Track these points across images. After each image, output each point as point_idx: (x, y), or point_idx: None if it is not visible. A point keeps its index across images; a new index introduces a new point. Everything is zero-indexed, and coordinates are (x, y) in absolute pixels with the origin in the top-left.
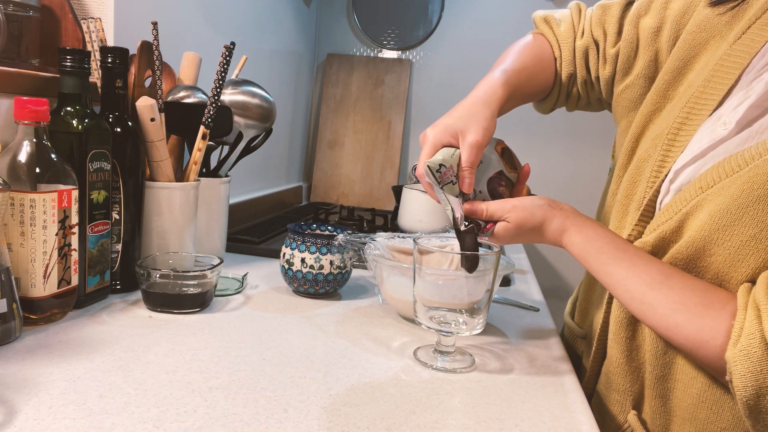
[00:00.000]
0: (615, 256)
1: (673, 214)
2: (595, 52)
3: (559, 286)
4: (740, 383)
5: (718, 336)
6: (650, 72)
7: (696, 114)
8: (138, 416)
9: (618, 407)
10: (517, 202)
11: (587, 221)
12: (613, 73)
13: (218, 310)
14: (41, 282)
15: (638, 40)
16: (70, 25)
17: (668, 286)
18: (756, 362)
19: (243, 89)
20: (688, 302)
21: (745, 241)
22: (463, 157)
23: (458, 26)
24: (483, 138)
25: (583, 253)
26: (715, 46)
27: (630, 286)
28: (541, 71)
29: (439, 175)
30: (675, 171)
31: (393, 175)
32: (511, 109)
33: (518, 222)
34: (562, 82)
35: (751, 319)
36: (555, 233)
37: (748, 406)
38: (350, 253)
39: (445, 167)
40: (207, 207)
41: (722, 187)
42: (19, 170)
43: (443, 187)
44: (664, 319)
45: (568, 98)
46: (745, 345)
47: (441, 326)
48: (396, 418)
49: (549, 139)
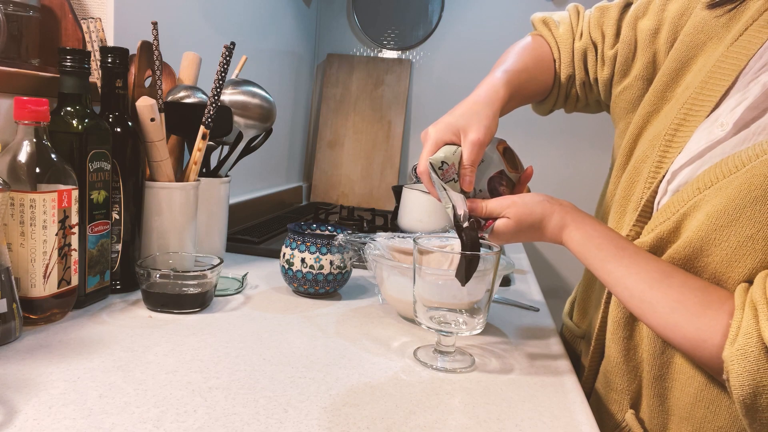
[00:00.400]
0: (614, 253)
1: (671, 215)
2: (593, 54)
3: (559, 286)
4: (737, 382)
5: (715, 335)
6: (648, 73)
7: (693, 115)
8: (138, 416)
9: (616, 406)
10: (516, 199)
11: (587, 218)
12: (611, 75)
13: (218, 310)
14: (41, 282)
15: (636, 41)
16: (70, 25)
17: (667, 284)
18: (753, 361)
19: (243, 89)
20: (687, 301)
21: (742, 242)
22: (464, 155)
23: (458, 26)
24: (484, 136)
25: (582, 250)
26: (713, 48)
27: (629, 284)
28: (541, 72)
29: (441, 173)
30: (672, 172)
31: (393, 175)
32: (512, 110)
33: (517, 218)
34: (561, 84)
35: (748, 319)
36: (554, 229)
37: (744, 405)
38: (350, 253)
39: (447, 165)
40: (207, 207)
41: (719, 188)
42: (19, 170)
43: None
44: (663, 318)
45: (567, 100)
46: (742, 344)
47: (441, 326)
48: (396, 418)
49: (549, 139)
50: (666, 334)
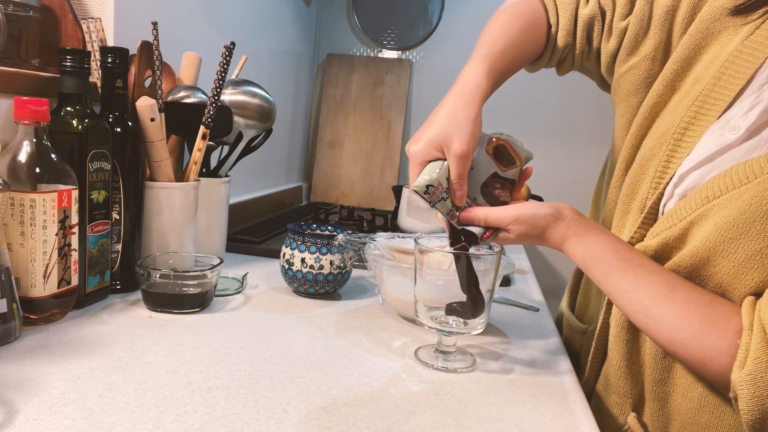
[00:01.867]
0: (617, 266)
1: (677, 221)
2: (600, 23)
3: (559, 286)
4: (746, 407)
5: (722, 356)
6: (659, 55)
7: (704, 114)
8: (138, 416)
9: (618, 409)
10: (517, 213)
11: (589, 229)
12: (617, 48)
13: (218, 310)
14: (41, 282)
15: (651, 18)
16: (70, 25)
17: (672, 299)
18: (763, 387)
19: (243, 89)
20: (692, 318)
21: (750, 255)
22: (451, 170)
23: (458, 26)
24: (468, 145)
25: (585, 263)
26: (727, 39)
27: (633, 298)
28: (530, 42)
29: (428, 196)
30: (680, 175)
31: (393, 175)
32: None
33: (519, 233)
34: (556, 50)
35: (758, 342)
36: (557, 241)
37: (753, 429)
38: (350, 253)
39: (433, 186)
40: (207, 207)
41: (729, 199)
42: (19, 170)
43: (435, 205)
44: (668, 335)
45: (560, 64)
46: (751, 369)
47: (441, 326)
48: (396, 418)
49: (549, 139)
50: (671, 350)
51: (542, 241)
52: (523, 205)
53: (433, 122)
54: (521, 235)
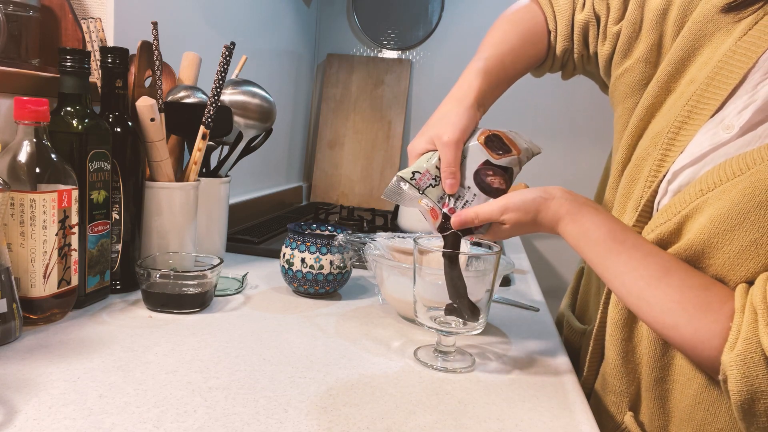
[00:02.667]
0: (612, 248)
1: (672, 216)
2: (595, 28)
3: (559, 286)
4: (735, 387)
5: (714, 338)
6: (652, 57)
7: (698, 113)
8: (138, 416)
9: (615, 408)
10: (506, 203)
11: (583, 207)
12: (611, 52)
13: (218, 310)
14: (41, 282)
15: (642, 21)
16: (70, 25)
17: (666, 283)
18: (752, 367)
19: (243, 89)
20: (686, 302)
21: (745, 246)
22: (441, 157)
23: (458, 26)
24: (456, 134)
25: (579, 244)
26: (720, 40)
27: (627, 281)
28: (530, 47)
29: (414, 182)
30: (673, 172)
31: (393, 175)
32: (503, 92)
33: (514, 223)
34: (557, 56)
35: (749, 323)
36: (551, 222)
37: (742, 409)
38: (350, 253)
39: (420, 173)
40: (207, 207)
41: (723, 191)
42: (19, 170)
43: (424, 191)
44: (661, 318)
45: (563, 69)
46: (741, 350)
47: (441, 326)
48: (396, 418)
49: (549, 139)
50: (664, 333)
51: (537, 225)
52: (511, 194)
53: (429, 121)
54: (515, 223)
